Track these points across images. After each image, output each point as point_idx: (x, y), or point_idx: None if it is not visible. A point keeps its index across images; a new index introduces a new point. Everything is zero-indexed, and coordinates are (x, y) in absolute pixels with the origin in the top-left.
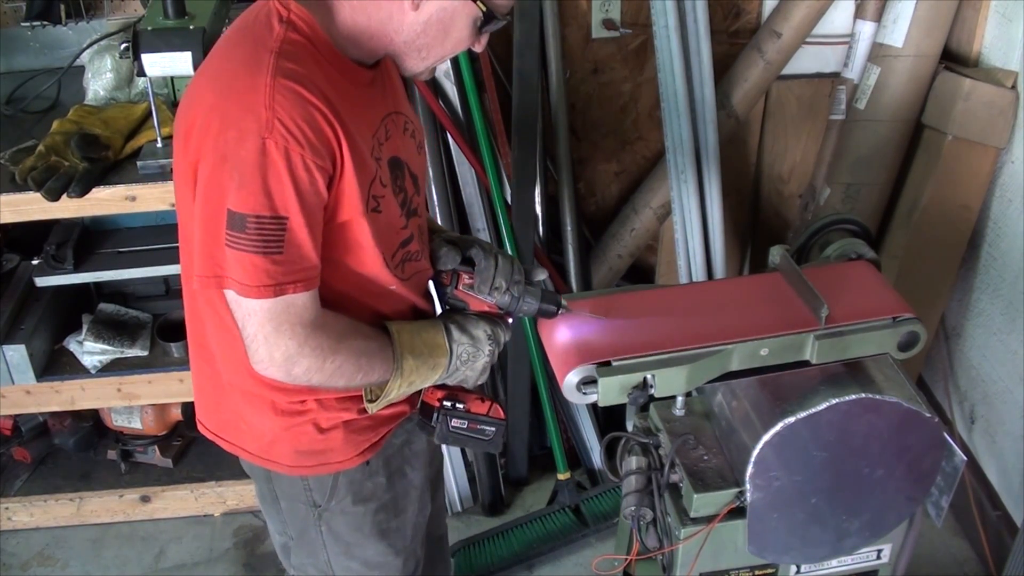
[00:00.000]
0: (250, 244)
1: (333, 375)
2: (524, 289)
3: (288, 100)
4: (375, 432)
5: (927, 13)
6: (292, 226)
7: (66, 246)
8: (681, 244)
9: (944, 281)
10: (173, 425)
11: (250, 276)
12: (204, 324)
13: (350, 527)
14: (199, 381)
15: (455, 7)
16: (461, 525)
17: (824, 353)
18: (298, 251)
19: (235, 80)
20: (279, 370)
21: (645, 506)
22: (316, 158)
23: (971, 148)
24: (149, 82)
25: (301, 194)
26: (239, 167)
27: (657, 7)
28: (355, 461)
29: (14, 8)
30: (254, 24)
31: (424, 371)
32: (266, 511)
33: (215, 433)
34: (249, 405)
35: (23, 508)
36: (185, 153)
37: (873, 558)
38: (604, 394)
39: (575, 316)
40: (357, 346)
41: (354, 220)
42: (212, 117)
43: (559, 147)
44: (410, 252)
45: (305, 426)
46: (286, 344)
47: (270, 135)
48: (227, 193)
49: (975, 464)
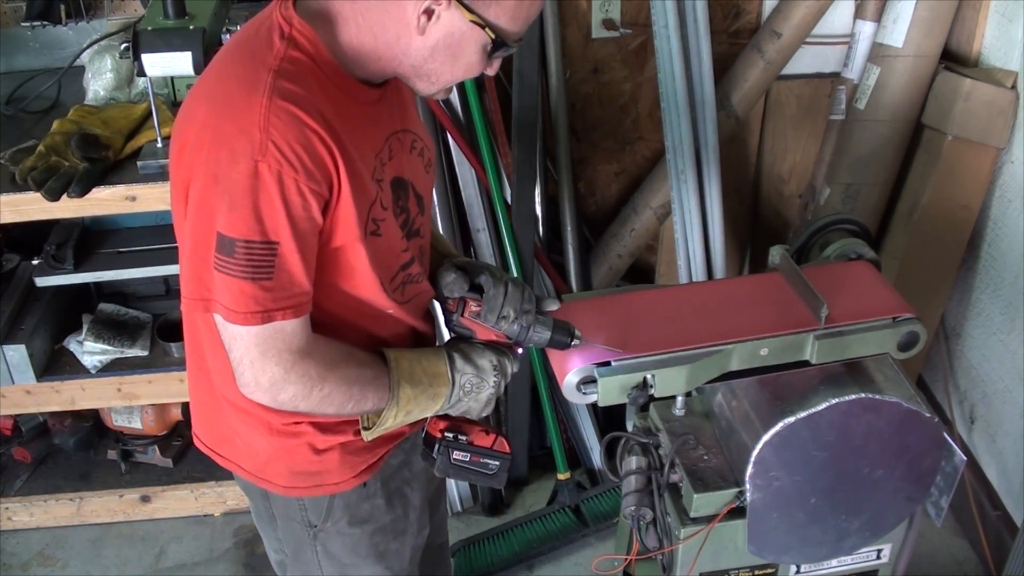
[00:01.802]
0: (239, 269)
1: (321, 403)
2: (535, 319)
3: (284, 122)
4: (372, 453)
5: (927, 13)
6: (283, 252)
7: (66, 246)
8: (681, 244)
9: (944, 281)
10: (173, 425)
11: (237, 302)
12: (200, 339)
13: (346, 548)
14: (196, 394)
15: (463, 33)
16: (461, 525)
17: (824, 353)
18: (288, 277)
19: (230, 98)
20: (265, 395)
21: (645, 506)
22: (311, 183)
23: (971, 148)
24: (149, 82)
25: (293, 219)
26: (230, 189)
27: (657, 7)
28: (352, 483)
29: (14, 8)
30: (254, 39)
31: (423, 401)
32: (262, 528)
33: (211, 448)
34: (244, 423)
35: (23, 508)
36: (178, 170)
37: (873, 558)
38: (604, 394)
39: (589, 352)
40: (349, 374)
41: (350, 245)
42: (204, 135)
43: (559, 147)
44: (410, 275)
45: (300, 447)
46: (272, 371)
47: (263, 158)
48: (217, 215)
49: (975, 464)
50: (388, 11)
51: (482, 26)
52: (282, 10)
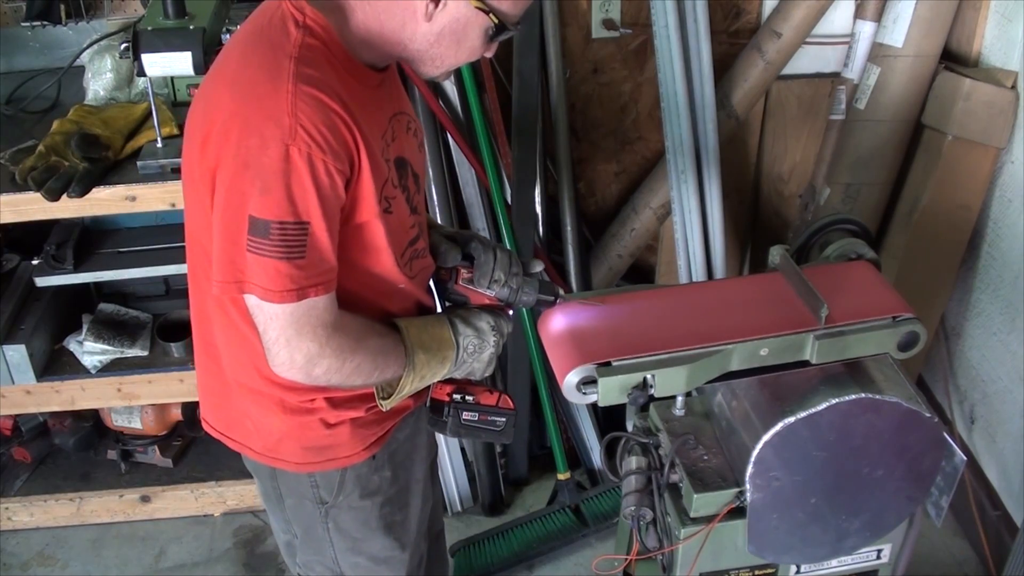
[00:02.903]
0: (273, 249)
1: (352, 374)
2: (522, 280)
3: (310, 106)
4: (381, 426)
5: (927, 13)
6: (314, 231)
7: (66, 246)
8: (681, 244)
9: (944, 281)
10: (173, 425)
11: (273, 281)
12: (211, 324)
13: (357, 522)
14: (205, 380)
15: (468, 18)
16: (461, 525)
17: (824, 353)
18: (319, 255)
19: (255, 86)
20: (300, 372)
21: (645, 506)
22: (337, 163)
23: (971, 148)
24: (149, 82)
25: (323, 199)
26: (262, 174)
27: (657, 7)
28: (362, 455)
29: (14, 8)
30: (269, 27)
31: (434, 365)
32: (270, 509)
33: (220, 431)
34: (256, 404)
35: (23, 508)
36: (203, 159)
37: (873, 558)
38: (604, 394)
39: (575, 311)
40: (374, 344)
41: (371, 222)
42: (232, 123)
43: (559, 147)
44: (417, 250)
45: (313, 423)
46: (308, 346)
47: (293, 142)
48: (249, 199)
49: (975, 464)
50: None
51: (486, 11)
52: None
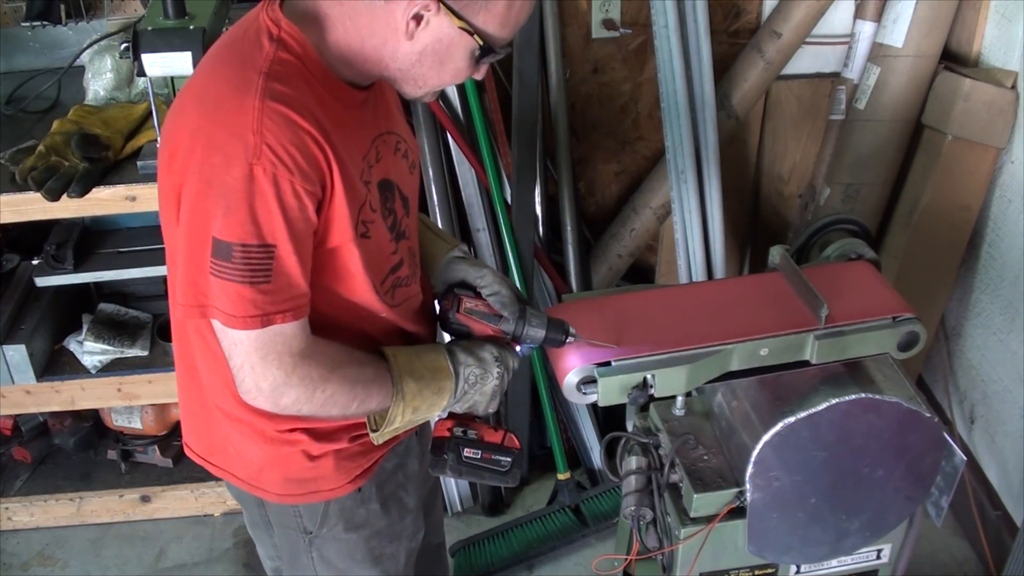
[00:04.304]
0: (236, 273)
1: (325, 404)
2: (530, 314)
3: (277, 124)
4: (367, 458)
5: (927, 13)
6: (280, 254)
7: (66, 246)
8: (681, 244)
9: (944, 281)
10: (173, 425)
11: (236, 306)
12: (191, 347)
13: (342, 554)
14: (186, 404)
15: (451, 38)
16: (461, 525)
17: (824, 353)
18: (286, 279)
19: (222, 101)
20: (267, 400)
21: (645, 506)
22: (306, 183)
23: (971, 148)
24: (149, 82)
25: (290, 221)
26: (225, 194)
27: (657, 7)
28: (347, 488)
29: (14, 8)
30: (242, 41)
31: (428, 395)
32: (257, 536)
33: (203, 457)
34: (237, 432)
35: (23, 508)
36: (169, 175)
37: (873, 558)
38: (604, 394)
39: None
40: (351, 374)
41: (344, 246)
42: (197, 140)
43: (559, 147)
44: (400, 278)
45: (294, 455)
46: (273, 374)
47: (258, 161)
48: (212, 220)
49: (975, 464)
50: (377, 15)
51: (471, 32)
52: (269, 12)
